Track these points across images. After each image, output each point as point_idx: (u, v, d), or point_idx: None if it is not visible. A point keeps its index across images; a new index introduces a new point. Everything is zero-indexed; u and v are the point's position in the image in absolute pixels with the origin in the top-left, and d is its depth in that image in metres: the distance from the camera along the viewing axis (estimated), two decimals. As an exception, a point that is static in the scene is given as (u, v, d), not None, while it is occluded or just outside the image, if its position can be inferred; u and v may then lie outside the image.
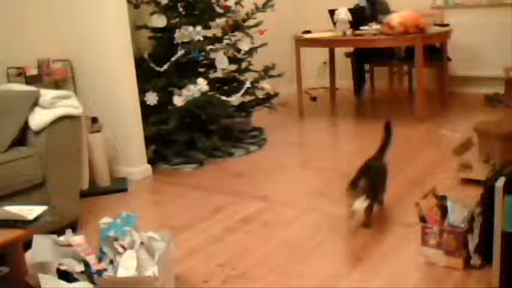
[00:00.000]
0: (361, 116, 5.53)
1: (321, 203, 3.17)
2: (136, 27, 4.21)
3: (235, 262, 2.52)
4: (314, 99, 6.05)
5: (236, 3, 4.42)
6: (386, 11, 5.42)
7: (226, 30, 4.39)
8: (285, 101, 5.34)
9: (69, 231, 2.32)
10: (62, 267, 2.12)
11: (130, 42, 3.76)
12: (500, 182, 2.02)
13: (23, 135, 2.92)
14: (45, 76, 3.61)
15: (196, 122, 4.22)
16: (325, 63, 6.16)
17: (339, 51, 5.96)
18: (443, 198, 2.43)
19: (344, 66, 6.02)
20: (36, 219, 2.11)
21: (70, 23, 3.76)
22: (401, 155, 3.94)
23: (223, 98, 4.18)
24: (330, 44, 5.36)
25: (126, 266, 2.12)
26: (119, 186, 3.66)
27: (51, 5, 3.76)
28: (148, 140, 4.01)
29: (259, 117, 4.90)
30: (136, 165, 3.86)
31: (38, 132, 2.87)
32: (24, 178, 2.75)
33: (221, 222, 2.98)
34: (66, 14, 3.76)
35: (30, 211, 2.14)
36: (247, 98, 4.57)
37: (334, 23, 5.08)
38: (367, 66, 6.04)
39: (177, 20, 4.13)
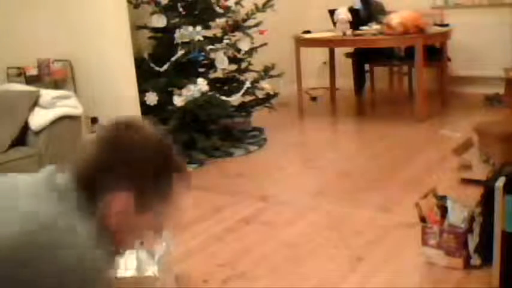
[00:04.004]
0: (361, 116, 5.53)
1: (321, 203, 3.17)
2: (137, 27, 4.21)
3: (235, 262, 2.52)
4: (314, 99, 6.05)
5: (236, 3, 4.41)
6: (382, 12, 5.42)
7: (226, 30, 4.39)
8: (285, 101, 5.34)
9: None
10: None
11: (130, 42, 3.76)
12: (500, 182, 2.02)
13: (23, 135, 2.92)
14: (45, 76, 3.61)
15: (196, 122, 4.22)
16: (325, 63, 6.16)
17: (339, 51, 5.96)
18: (443, 198, 2.43)
19: (344, 66, 6.02)
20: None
21: (70, 23, 3.76)
22: (401, 154, 3.94)
23: (223, 98, 4.18)
24: (330, 44, 5.36)
25: (126, 266, 2.12)
26: (119, 186, 3.65)
27: (51, 5, 3.76)
28: (148, 140, 4.00)
29: (259, 117, 4.90)
30: (136, 165, 3.85)
31: (38, 132, 2.87)
32: (24, 178, 2.74)
33: (221, 222, 2.98)
34: (66, 14, 3.76)
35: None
36: (247, 98, 4.57)
37: (334, 23, 5.08)
38: (367, 66, 6.04)
39: (177, 20, 4.13)
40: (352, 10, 5.21)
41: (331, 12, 5.13)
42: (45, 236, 1.02)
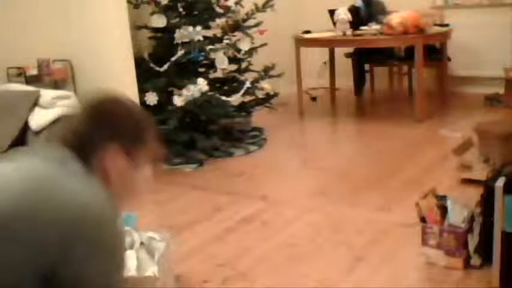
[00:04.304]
0: (361, 116, 5.53)
1: (321, 203, 3.17)
2: (137, 27, 4.21)
3: (235, 262, 2.52)
4: (314, 99, 6.05)
5: (236, 3, 4.41)
6: (383, 12, 5.42)
7: (226, 30, 4.39)
8: (285, 101, 5.34)
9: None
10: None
11: (130, 42, 3.76)
12: (500, 182, 2.02)
13: (23, 135, 2.92)
14: (45, 76, 3.61)
15: (196, 122, 4.22)
16: (325, 63, 6.16)
17: (339, 51, 5.96)
18: (443, 198, 2.43)
19: (344, 66, 6.02)
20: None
21: (70, 23, 3.76)
22: (401, 154, 3.94)
23: (223, 98, 4.18)
24: (330, 44, 5.36)
25: (126, 266, 2.12)
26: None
27: (50, 5, 3.76)
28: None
29: (259, 117, 4.90)
30: (136, 165, 3.84)
31: (38, 132, 2.87)
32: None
33: (221, 222, 2.98)
34: (66, 14, 3.76)
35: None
36: (247, 98, 4.57)
37: (334, 23, 5.08)
38: (367, 66, 6.04)
39: (177, 20, 4.13)
40: (352, 9, 5.21)
41: (331, 12, 5.13)
42: (45, 194, 1.12)
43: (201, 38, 4.10)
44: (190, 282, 2.36)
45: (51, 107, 2.93)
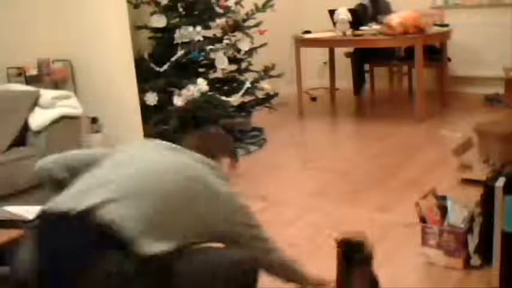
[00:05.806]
0: (361, 116, 5.53)
1: (321, 203, 3.17)
2: (137, 27, 4.21)
3: (235, 262, 2.51)
4: (314, 99, 6.05)
5: (236, 3, 4.41)
6: (388, 11, 5.42)
7: (226, 30, 4.39)
8: (285, 101, 5.34)
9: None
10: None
11: (130, 42, 3.76)
12: (500, 182, 2.02)
13: (23, 135, 2.92)
14: (45, 76, 3.61)
15: (196, 122, 4.22)
16: (325, 63, 6.16)
17: (339, 51, 5.96)
18: (443, 198, 2.43)
19: (344, 66, 6.02)
20: (36, 219, 2.10)
21: (70, 23, 3.76)
22: (401, 154, 3.94)
23: (223, 98, 4.18)
24: (330, 44, 5.36)
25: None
26: (119, 186, 3.64)
27: (50, 5, 3.76)
28: (148, 140, 4.00)
29: (259, 117, 4.90)
30: (136, 165, 3.84)
31: (38, 132, 2.87)
32: (25, 178, 2.75)
33: (221, 222, 2.97)
34: (66, 14, 3.76)
35: (30, 211, 2.14)
36: (247, 98, 4.56)
37: (334, 23, 5.08)
38: (367, 66, 6.04)
39: (177, 20, 4.13)
40: (359, 7, 5.22)
41: (331, 12, 5.14)
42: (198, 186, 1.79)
43: (201, 38, 4.10)
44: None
45: (51, 107, 2.94)
